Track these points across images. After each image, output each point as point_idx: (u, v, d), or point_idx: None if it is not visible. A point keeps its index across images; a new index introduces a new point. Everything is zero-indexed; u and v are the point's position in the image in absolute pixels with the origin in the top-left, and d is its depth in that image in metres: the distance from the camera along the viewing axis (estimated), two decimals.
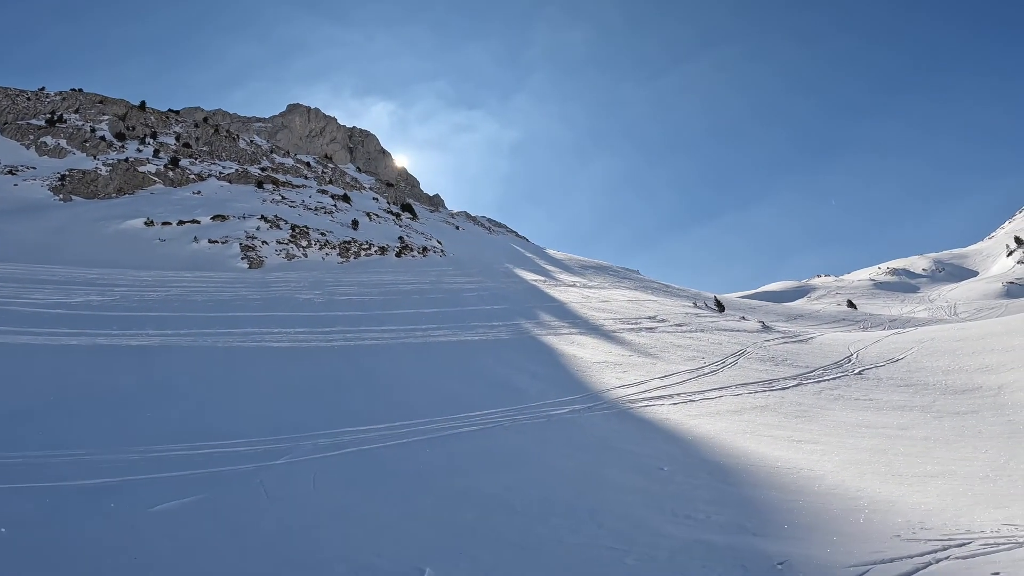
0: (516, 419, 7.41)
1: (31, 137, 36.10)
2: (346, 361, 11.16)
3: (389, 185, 56.88)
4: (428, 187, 79.19)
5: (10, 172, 30.52)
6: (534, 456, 6.04)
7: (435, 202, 62.71)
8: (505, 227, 67.88)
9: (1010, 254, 64.48)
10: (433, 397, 8.65)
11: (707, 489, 5.11)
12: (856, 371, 13.99)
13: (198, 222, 26.46)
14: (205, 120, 49.33)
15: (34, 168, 31.78)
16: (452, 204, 72.75)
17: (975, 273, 64.67)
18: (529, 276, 33.10)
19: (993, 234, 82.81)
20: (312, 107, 66.35)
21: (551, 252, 53.99)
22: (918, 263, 70.80)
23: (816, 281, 65.89)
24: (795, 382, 12.42)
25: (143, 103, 44.38)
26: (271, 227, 27.40)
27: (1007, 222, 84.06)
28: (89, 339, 11.07)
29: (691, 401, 9.65)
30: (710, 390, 10.87)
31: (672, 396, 9.88)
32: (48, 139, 35.87)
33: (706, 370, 13.26)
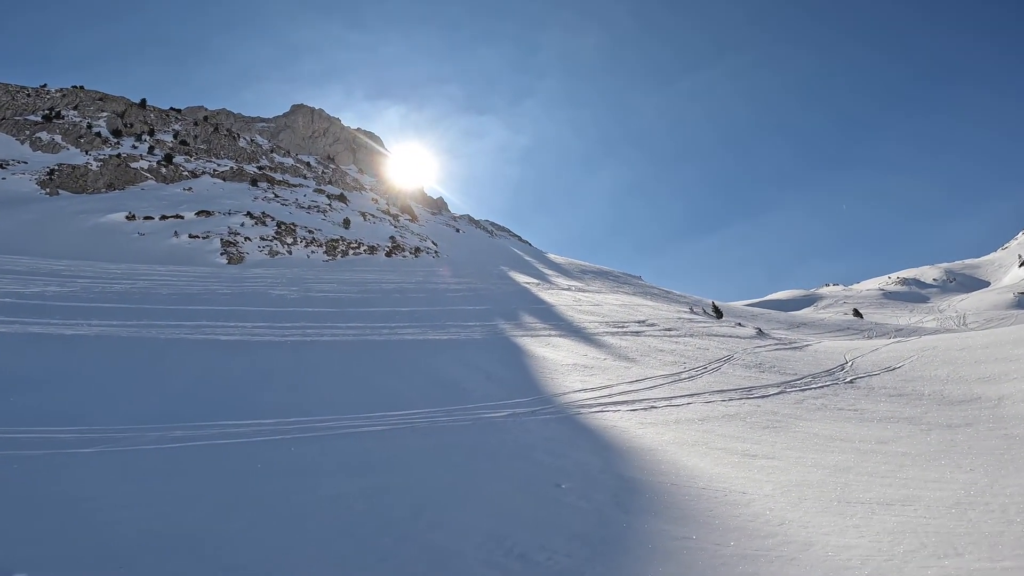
0: (437, 421, 6.60)
1: (27, 132, 36.03)
2: (290, 356, 10.47)
3: (391, 187, 56.46)
4: (435, 191, 78.70)
5: (0, 166, 30.33)
6: (415, 463, 5.20)
7: (438, 205, 62.15)
8: (508, 231, 67.22)
9: (1022, 264, 62.76)
10: (362, 394, 7.90)
11: (588, 516, 4.20)
12: (847, 379, 13.08)
13: (181, 217, 26.01)
14: (205, 119, 49.22)
15: (25, 162, 31.61)
16: (460, 209, 72.19)
17: (987, 284, 62.97)
18: (523, 279, 32.36)
19: (1007, 244, 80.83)
20: (316, 108, 66.14)
21: (552, 256, 53.26)
22: (929, 273, 69.19)
23: (824, 290, 64.68)
24: (777, 390, 11.55)
25: (143, 101, 44.30)
26: (256, 224, 26.90)
27: (1021, 233, 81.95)
28: (22, 327, 10.50)
29: (653, 408, 8.80)
30: (679, 396, 10.03)
31: (633, 402, 9.04)
32: (43, 134, 35.78)
33: (683, 376, 12.43)
